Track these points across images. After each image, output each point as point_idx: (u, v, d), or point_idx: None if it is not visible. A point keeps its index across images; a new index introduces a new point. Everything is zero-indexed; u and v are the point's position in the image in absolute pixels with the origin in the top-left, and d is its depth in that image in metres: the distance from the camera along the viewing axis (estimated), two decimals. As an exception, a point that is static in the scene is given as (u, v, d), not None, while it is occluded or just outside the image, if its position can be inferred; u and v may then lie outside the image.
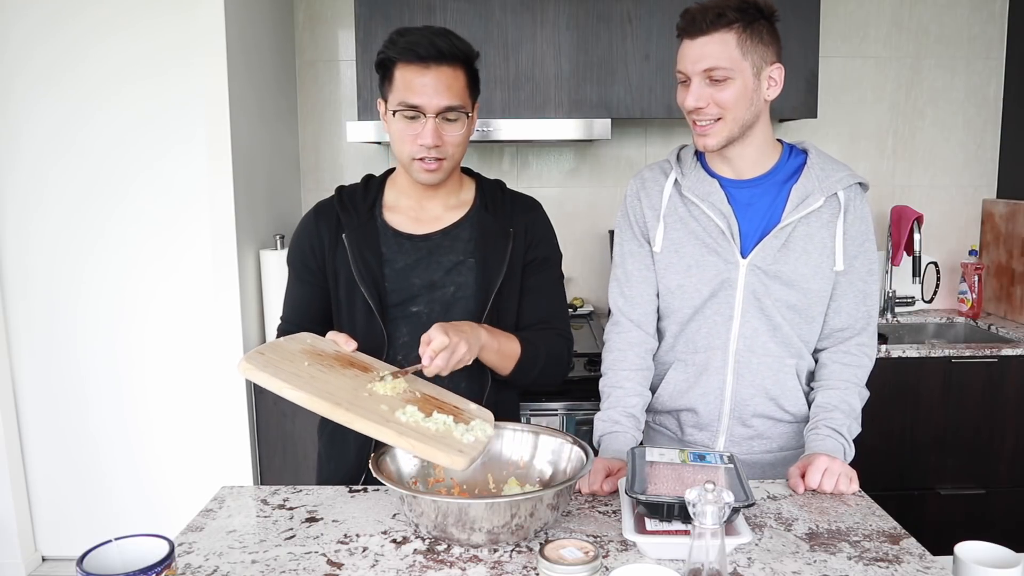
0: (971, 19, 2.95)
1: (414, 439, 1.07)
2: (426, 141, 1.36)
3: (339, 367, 1.23)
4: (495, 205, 1.50)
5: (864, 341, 1.49)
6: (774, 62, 1.37)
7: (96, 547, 0.95)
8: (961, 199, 3.06)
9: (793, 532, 1.17)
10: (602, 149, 2.99)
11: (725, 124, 1.37)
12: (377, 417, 1.09)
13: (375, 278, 1.44)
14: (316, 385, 1.11)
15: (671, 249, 1.48)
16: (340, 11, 2.90)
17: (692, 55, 1.35)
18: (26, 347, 2.87)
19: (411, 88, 1.35)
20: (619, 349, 1.52)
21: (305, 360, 1.20)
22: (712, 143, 1.39)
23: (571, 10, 2.53)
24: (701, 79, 1.35)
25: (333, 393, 1.11)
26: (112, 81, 2.73)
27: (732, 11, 1.31)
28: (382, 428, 1.07)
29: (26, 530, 2.92)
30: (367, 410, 1.10)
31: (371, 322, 1.44)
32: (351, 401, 1.11)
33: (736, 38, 1.32)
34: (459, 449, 1.09)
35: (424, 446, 1.06)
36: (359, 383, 1.19)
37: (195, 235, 2.81)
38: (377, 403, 1.14)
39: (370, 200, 1.50)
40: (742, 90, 1.35)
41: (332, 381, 1.16)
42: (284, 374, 1.11)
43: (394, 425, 1.08)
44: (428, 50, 1.34)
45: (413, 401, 1.19)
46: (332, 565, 1.09)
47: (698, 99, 1.35)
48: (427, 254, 1.46)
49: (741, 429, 1.50)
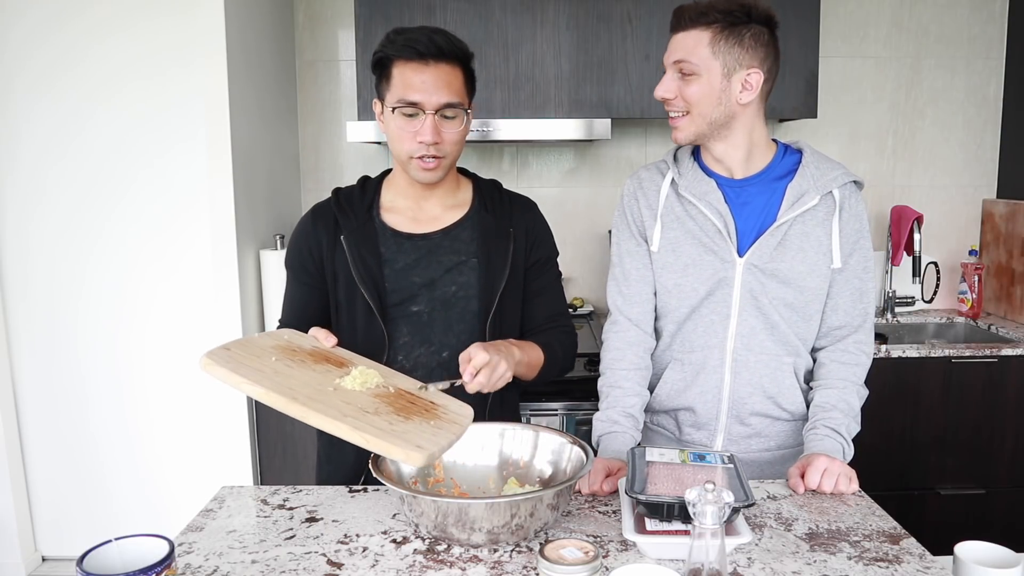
0: (971, 19, 2.95)
1: (370, 433, 1.03)
2: (425, 138, 1.36)
3: (311, 362, 1.22)
4: (494, 205, 1.51)
5: (861, 339, 1.49)
6: (752, 67, 1.37)
7: (96, 547, 0.95)
8: (961, 199, 3.06)
9: (793, 532, 1.17)
10: (602, 149, 2.99)
11: (692, 119, 1.40)
12: (334, 412, 1.06)
13: (375, 278, 1.44)
14: (277, 380, 1.10)
15: (668, 248, 1.48)
16: (340, 11, 2.90)
17: (670, 47, 1.40)
18: (26, 347, 2.87)
19: (410, 85, 1.35)
20: (617, 348, 1.52)
21: (273, 356, 1.18)
22: (680, 136, 1.43)
23: (571, 10, 2.53)
24: (673, 71, 1.39)
25: (293, 388, 1.09)
26: (112, 81, 2.73)
27: (717, 12, 1.34)
28: (337, 423, 1.03)
29: (26, 530, 2.92)
30: (325, 405, 1.07)
31: (371, 322, 1.45)
32: (309, 396, 1.08)
33: (711, 37, 1.35)
34: (417, 444, 1.04)
35: (379, 440, 1.02)
36: (327, 378, 1.18)
37: (195, 235, 2.81)
38: (339, 399, 1.12)
39: (367, 201, 1.50)
40: (707, 88, 1.37)
41: (297, 376, 1.14)
42: (244, 369, 1.09)
43: (351, 420, 1.05)
44: (427, 47, 1.34)
45: (384, 396, 1.17)
46: (332, 565, 1.09)
47: (666, 90, 1.41)
48: (427, 253, 1.47)
49: (739, 428, 1.50)
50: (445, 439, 1.09)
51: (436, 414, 1.17)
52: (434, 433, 1.09)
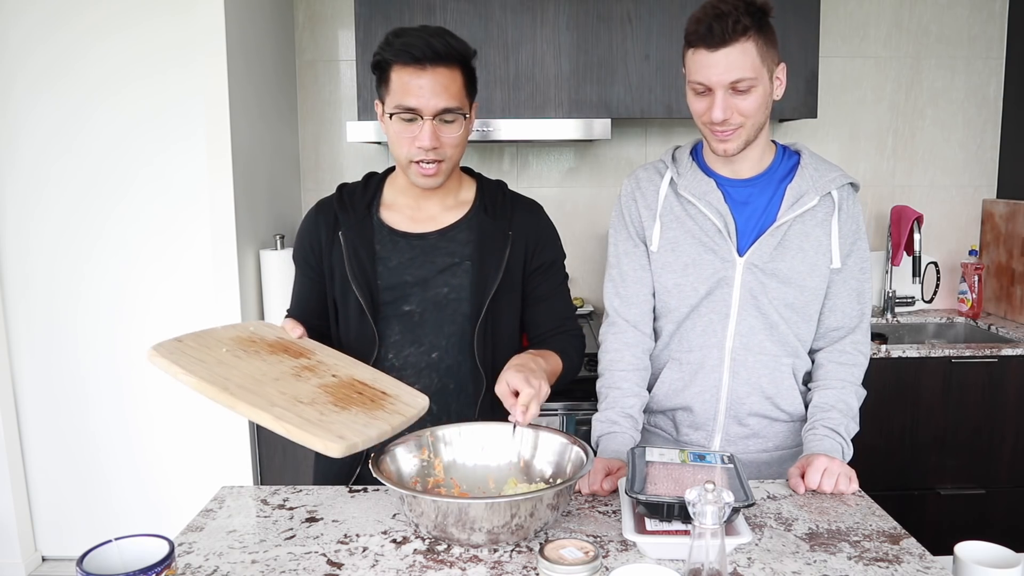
0: (971, 19, 2.95)
1: (292, 424, 1.02)
2: (424, 143, 1.35)
3: (265, 353, 1.22)
4: (495, 207, 1.50)
5: (858, 339, 1.50)
6: (779, 61, 1.39)
7: (96, 547, 0.95)
8: (961, 199, 3.06)
9: (793, 532, 1.17)
10: (602, 149, 2.99)
11: (745, 130, 1.37)
12: (262, 402, 1.05)
13: (367, 275, 1.44)
14: (216, 371, 1.09)
15: (668, 248, 1.48)
16: (340, 11, 2.90)
17: (716, 68, 1.32)
18: (26, 347, 2.87)
19: (407, 90, 1.34)
20: (615, 350, 1.52)
21: (224, 347, 1.18)
22: (733, 148, 1.39)
23: (571, 10, 2.52)
24: (725, 91, 1.34)
25: (228, 378, 1.08)
26: (112, 81, 2.73)
27: (745, 16, 1.30)
28: (262, 412, 1.03)
29: (26, 530, 2.92)
30: (256, 395, 1.06)
31: (363, 320, 1.45)
32: (242, 385, 1.08)
33: (755, 46, 1.31)
34: (339, 435, 1.03)
35: (299, 431, 1.02)
36: (276, 368, 1.17)
37: (195, 235, 2.81)
38: (276, 388, 1.10)
39: (368, 198, 1.50)
40: (763, 96, 1.35)
41: (239, 367, 1.13)
42: (185, 360, 1.09)
43: (277, 410, 1.05)
44: (424, 51, 1.33)
45: (329, 387, 1.17)
46: (332, 565, 1.09)
47: (724, 111, 1.34)
48: (421, 253, 1.46)
49: (737, 428, 1.50)
50: (376, 430, 1.08)
51: (380, 404, 1.17)
52: (366, 424, 1.09)
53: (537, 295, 1.52)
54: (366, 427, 1.09)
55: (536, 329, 1.53)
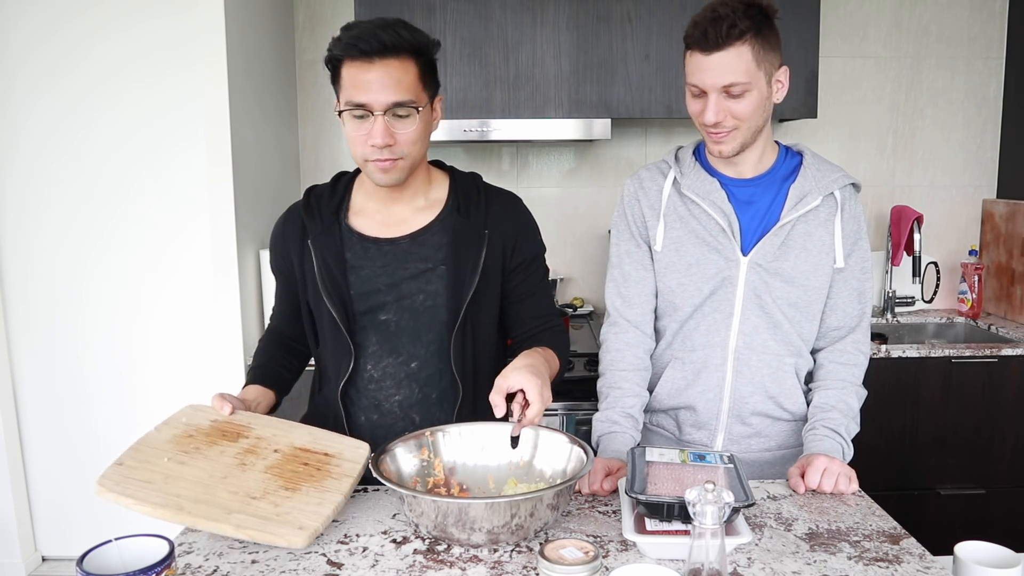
0: (971, 19, 2.95)
1: (253, 528, 1.07)
2: (376, 141, 1.29)
3: (205, 448, 1.22)
4: (468, 205, 1.43)
5: (859, 339, 1.50)
6: (781, 65, 1.38)
7: (96, 547, 0.95)
8: (961, 199, 3.06)
9: (793, 532, 1.17)
10: (602, 149, 2.99)
11: (740, 132, 1.38)
12: (218, 512, 1.09)
13: (338, 286, 1.40)
14: (166, 490, 1.11)
15: (672, 248, 1.48)
16: (340, 11, 2.90)
17: (710, 71, 1.33)
18: (26, 347, 2.87)
19: (357, 85, 1.28)
20: (616, 349, 1.52)
21: (166, 455, 1.18)
22: (728, 150, 1.40)
23: (571, 10, 2.52)
24: (719, 94, 1.34)
25: (180, 495, 1.10)
26: (112, 81, 2.73)
27: (743, 19, 1.29)
28: (222, 524, 1.07)
29: (26, 530, 2.92)
30: (211, 506, 1.10)
31: (336, 331, 1.41)
32: (196, 498, 1.10)
33: (751, 50, 1.31)
34: (299, 525, 1.08)
35: (261, 533, 1.07)
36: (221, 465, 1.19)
37: (195, 235, 2.81)
38: (227, 490, 1.13)
39: (335, 203, 1.45)
40: (758, 100, 1.35)
41: (187, 476, 1.15)
42: (133, 487, 1.10)
43: (236, 516, 1.08)
44: (370, 44, 1.26)
45: (275, 467, 1.20)
46: (332, 565, 1.09)
47: (717, 114, 1.35)
48: (393, 260, 1.41)
49: (740, 427, 1.50)
50: (330, 505, 1.14)
51: (327, 471, 1.21)
52: (319, 502, 1.14)
53: (520, 292, 1.46)
54: (320, 506, 1.13)
55: (522, 327, 1.48)
